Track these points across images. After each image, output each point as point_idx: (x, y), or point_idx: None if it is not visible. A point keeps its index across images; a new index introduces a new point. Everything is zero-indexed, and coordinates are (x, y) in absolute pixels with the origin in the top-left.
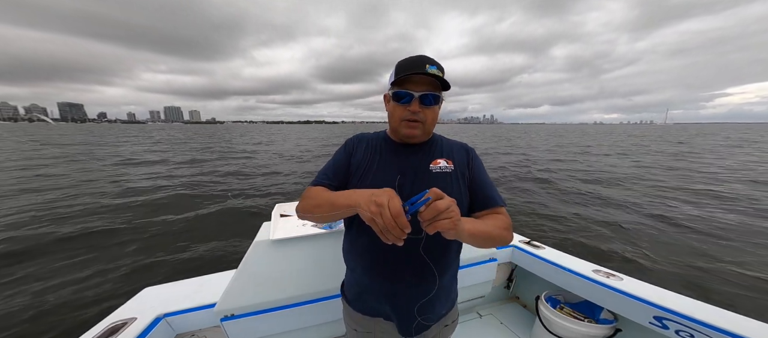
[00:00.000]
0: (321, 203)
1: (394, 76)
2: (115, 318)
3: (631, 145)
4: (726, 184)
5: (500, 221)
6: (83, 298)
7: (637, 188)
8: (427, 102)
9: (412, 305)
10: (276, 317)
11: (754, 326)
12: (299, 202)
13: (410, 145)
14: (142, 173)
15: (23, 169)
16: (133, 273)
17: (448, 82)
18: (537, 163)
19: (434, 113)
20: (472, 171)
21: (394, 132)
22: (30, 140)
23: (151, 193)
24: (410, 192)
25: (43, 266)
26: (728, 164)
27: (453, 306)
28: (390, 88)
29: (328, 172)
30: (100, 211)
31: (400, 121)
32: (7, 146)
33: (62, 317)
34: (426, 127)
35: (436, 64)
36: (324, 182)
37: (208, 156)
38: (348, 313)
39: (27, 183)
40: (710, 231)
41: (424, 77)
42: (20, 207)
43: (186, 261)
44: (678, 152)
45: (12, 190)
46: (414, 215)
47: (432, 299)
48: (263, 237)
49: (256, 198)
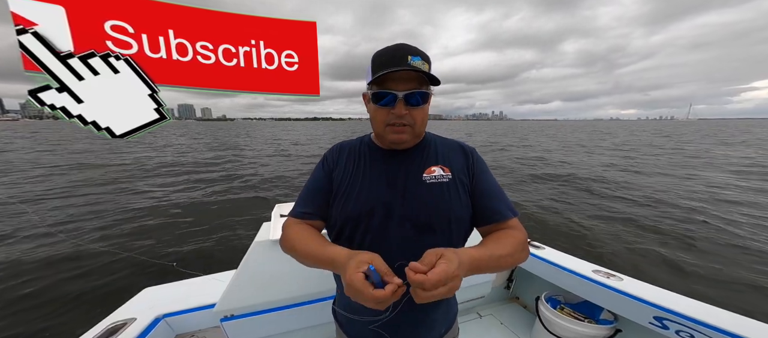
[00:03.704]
0: (298, 250)
1: (371, 74)
2: (115, 319)
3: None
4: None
5: (511, 239)
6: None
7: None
8: (414, 102)
9: (410, 330)
10: (276, 317)
11: (754, 326)
12: (281, 235)
13: (399, 151)
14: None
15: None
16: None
17: (436, 76)
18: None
19: (424, 112)
20: (474, 177)
21: (380, 139)
22: (87, 137)
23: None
24: (402, 212)
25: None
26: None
27: (453, 321)
28: (368, 87)
29: (305, 199)
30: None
31: (385, 126)
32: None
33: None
34: (415, 129)
35: (419, 54)
36: (301, 212)
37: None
38: (339, 336)
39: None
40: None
41: (407, 73)
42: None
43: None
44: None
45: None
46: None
47: (433, 320)
48: (263, 237)
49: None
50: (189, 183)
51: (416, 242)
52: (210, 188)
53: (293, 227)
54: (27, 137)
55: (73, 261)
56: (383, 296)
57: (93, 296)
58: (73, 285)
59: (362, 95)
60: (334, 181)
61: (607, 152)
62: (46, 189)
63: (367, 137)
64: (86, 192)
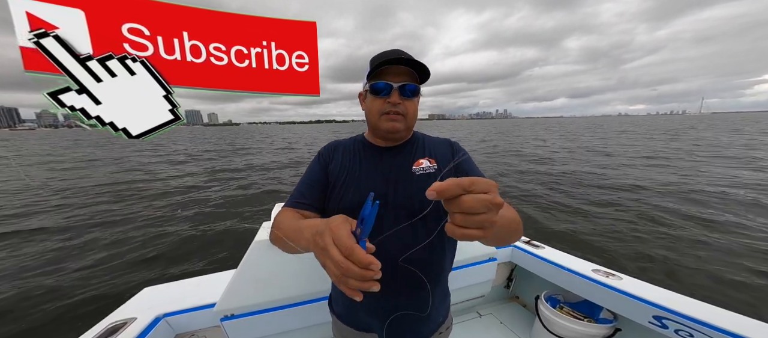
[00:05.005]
0: (282, 235)
1: (369, 71)
2: (115, 318)
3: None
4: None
5: (510, 208)
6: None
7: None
8: (407, 93)
9: (409, 317)
10: (276, 317)
11: (754, 326)
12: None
13: (391, 147)
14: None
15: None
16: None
17: (427, 69)
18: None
19: (414, 105)
20: (459, 165)
21: (375, 129)
22: (92, 143)
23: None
24: (396, 202)
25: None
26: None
27: (447, 311)
28: (366, 83)
29: (302, 189)
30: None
31: (380, 115)
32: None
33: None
34: (408, 121)
35: (410, 56)
36: (297, 201)
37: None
38: (337, 326)
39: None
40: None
41: (401, 69)
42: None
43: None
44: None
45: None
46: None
47: (430, 309)
48: (263, 237)
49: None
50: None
51: (410, 227)
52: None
53: (284, 212)
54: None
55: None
56: (361, 254)
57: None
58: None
59: (358, 94)
60: (331, 174)
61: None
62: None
63: (359, 136)
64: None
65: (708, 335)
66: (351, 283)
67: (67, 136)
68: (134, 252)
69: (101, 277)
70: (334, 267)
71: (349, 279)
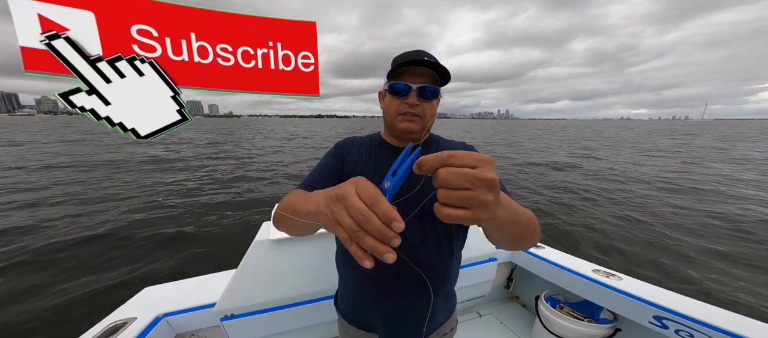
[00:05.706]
0: (292, 202)
1: (389, 71)
2: (115, 318)
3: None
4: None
5: (526, 210)
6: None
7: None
8: (426, 95)
9: (411, 320)
10: (276, 317)
11: (754, 326)
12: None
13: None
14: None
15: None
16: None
17: (448, 71)
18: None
19: (433, 107)
20: None
21: (391, 129)
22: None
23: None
24: (407, 201)
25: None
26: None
27: (452, 312)
28: (386, 82)
29: (316, 175)
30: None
31: (397, 115)
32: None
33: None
34: (424, 122)
35: (433, 57)
36: (310, 185)
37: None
38: (342, 325)
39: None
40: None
41: (422, 70)
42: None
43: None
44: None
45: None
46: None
47: (433, 311)
48: (263, 237)
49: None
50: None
51: (419, 227)
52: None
53: (295, 191)
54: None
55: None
56: (387, 205)
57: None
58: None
59: (378, 92)
60: (346, 166)
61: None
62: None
63: (376, 134)
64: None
65: (708, 335)
66: (367, 241)
67: (71, 123)
68: (134, 252)
69: (101, 277)
70: (350, 219)
71: (365, 236)
